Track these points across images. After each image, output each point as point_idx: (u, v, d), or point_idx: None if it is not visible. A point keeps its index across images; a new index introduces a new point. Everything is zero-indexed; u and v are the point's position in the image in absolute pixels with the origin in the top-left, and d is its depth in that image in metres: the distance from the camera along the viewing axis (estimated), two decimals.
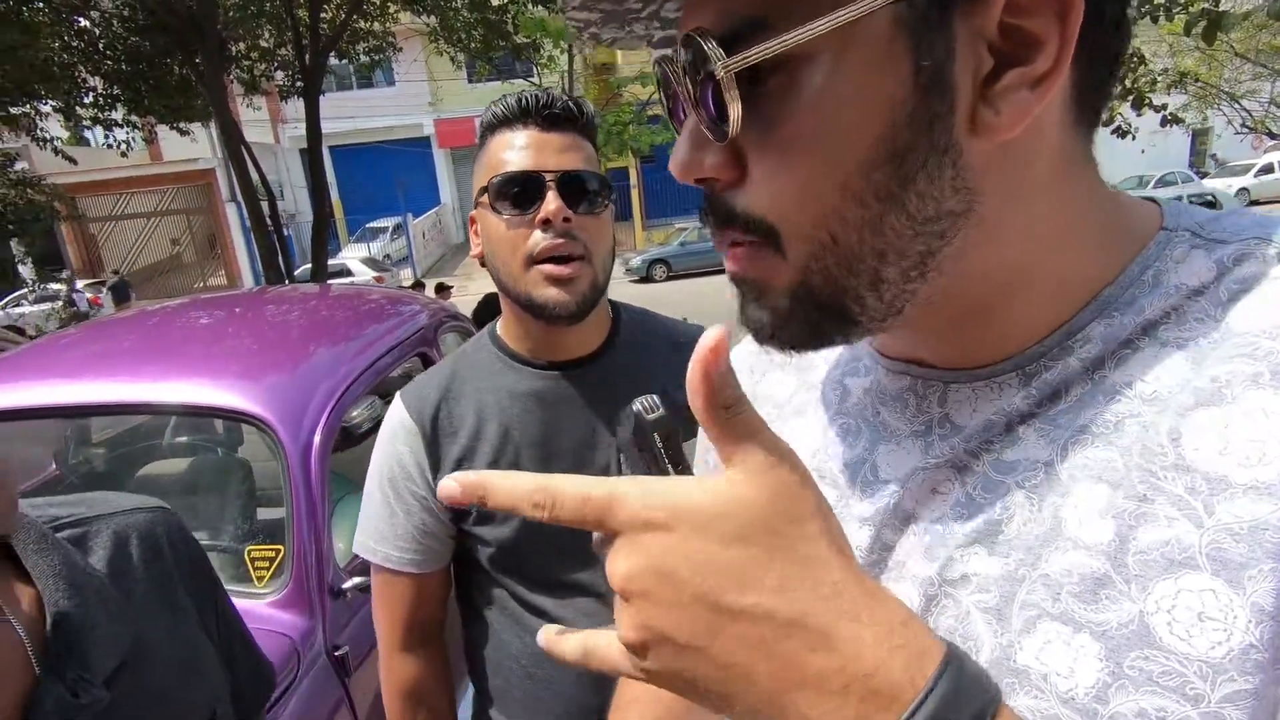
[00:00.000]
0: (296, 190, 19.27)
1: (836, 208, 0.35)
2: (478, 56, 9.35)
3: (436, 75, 18.06)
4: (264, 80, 9.12)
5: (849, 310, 0.37)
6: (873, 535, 0.41)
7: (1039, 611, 0.34)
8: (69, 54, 8.01)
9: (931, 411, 0.42)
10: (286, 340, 2.08)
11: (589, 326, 1.00)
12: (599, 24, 0.42)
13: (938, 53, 0.33)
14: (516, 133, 0.92)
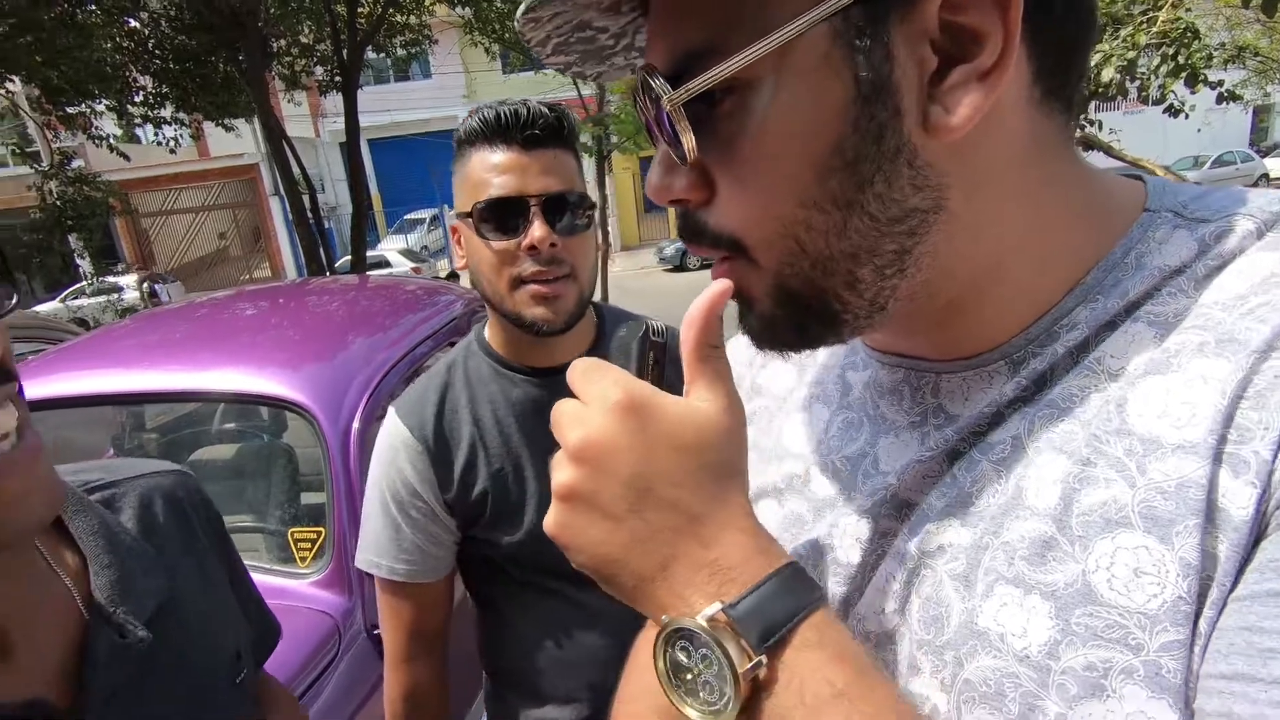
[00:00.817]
0: (336, 183, 19.66)
1: (797, 217, 0.36)
2: (511, 47, 9.39)
3: (470, 67, 18.19)
4: (304, 76, 9.30)
5: (832, 309, 0.39)
6: (872, 525, 0.42)
7: (996, 576, 0.36)
8: (120, 54, 8.27)
9: (926, 402, 0.43)
10: (327, 330, 2.15)
11: (575, 333, 1.01)
12: (579, 63, 0.44)
13: (876, 61, 0.33)
14: (497, 152, 0.92)
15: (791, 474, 0.49)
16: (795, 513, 0.48)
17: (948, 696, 0.37)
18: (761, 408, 0.55)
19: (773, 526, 0.49)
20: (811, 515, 0.47)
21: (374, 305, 2.46)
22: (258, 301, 2.57)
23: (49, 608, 0.49)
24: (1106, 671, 0.32)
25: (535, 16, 0.38)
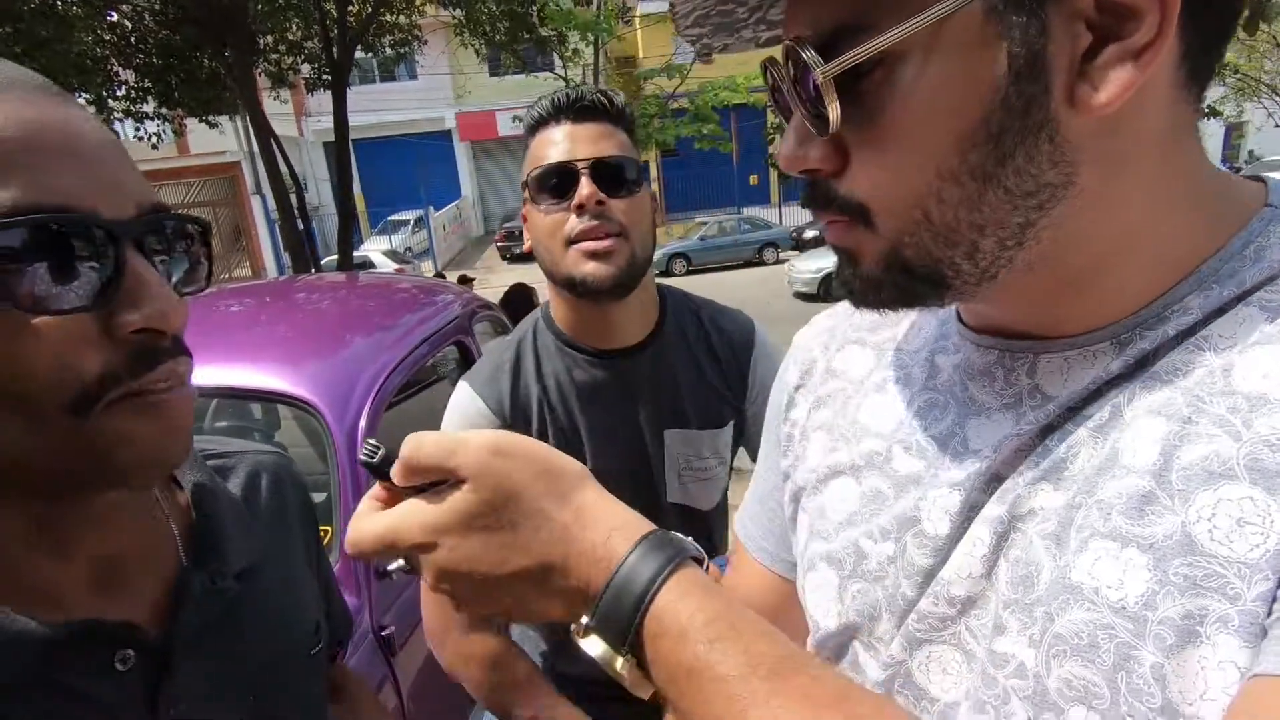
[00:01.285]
0: (319, 183, 19.47)
1: (931, 188, 0.37)
2: (502, 49, 9.37)
3: (458, 68, 18.11)
4: (291, 73, 9.21)
5: (943, 276, 0.40)
6: (963, 498, 0.43)
7: (1091, 532, 0.37)
8: (102, 47, 8.13)
9: (1020, 383, 0.43)
10: (327, 327, 2.12)
11: (635, 312, 1.03)
12: (710, 34, 0.45)
13: (1031, 37, 0.34)
14: (552, 129, 0.97)
15: (872, 452, 0.50)
16: (876, 489, 0.49)
17: (1036, 652, 0.38)
18: (837, 389, 0.56)
19: (851, 502, 0.51)
20: (894, 491, 0.48)
21: (373, 304, 2.43)
22: (252, 298, 2.53)
23: (155, 549, 0.54)
24: (1203, 619, 0.32)
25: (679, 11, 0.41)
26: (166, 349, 0.43)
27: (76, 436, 0.41)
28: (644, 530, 0.39)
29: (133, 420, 0.42)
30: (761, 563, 0.64)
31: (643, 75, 7.62)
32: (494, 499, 0.39)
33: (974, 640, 0.42)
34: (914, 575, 0.44)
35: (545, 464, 0.40)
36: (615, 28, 7.98)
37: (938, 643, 0.44)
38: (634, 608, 0.37)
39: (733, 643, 0.35)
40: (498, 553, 0.39)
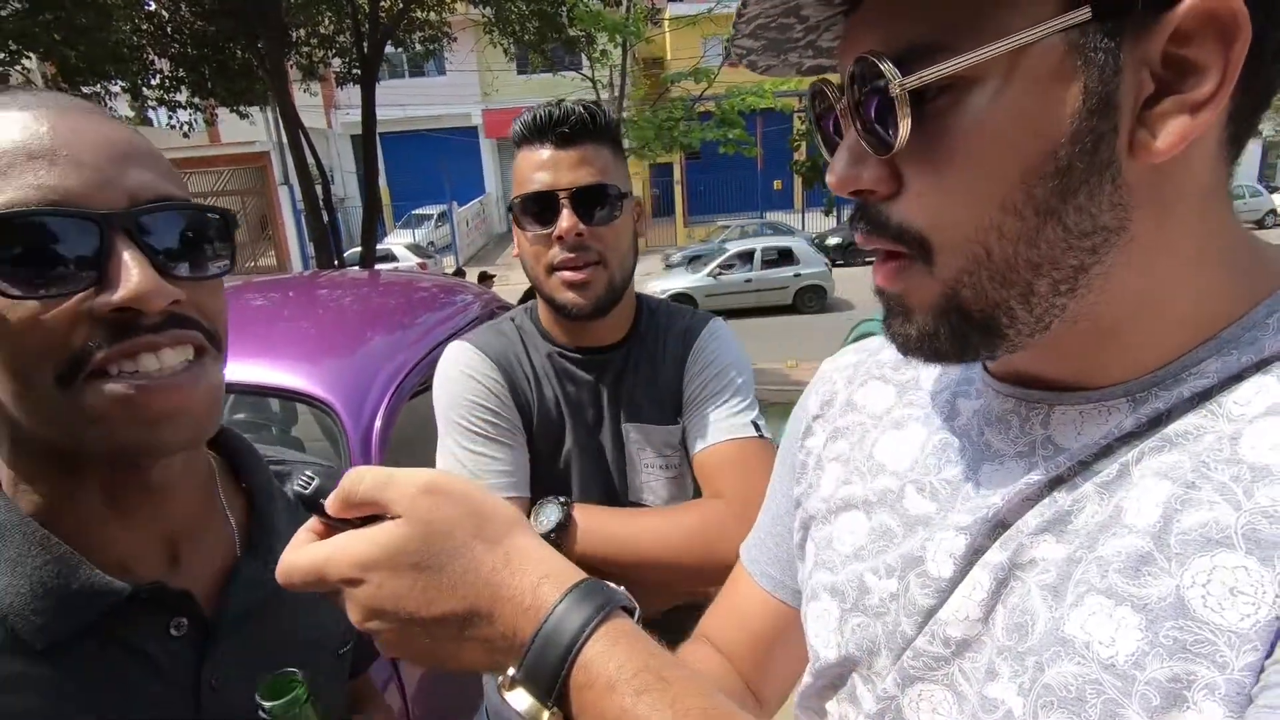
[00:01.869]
0: (346, 175, 19.68)
1: (994, 221, 0.37)
2: (531, 48, 9.41)
3: (486, 66, 18.21)
4: (321, 66, 9.31)
5: (998, 323, 0.39)
6: (968, 542, 0.43)
7: (1088, 587, 0.37)
8: (138, 36, 8.27)
9: (1034, 433, 0.43)
10: (346, 325, 2.13)
11: (614, 320, 1.10)
12: (759, 51, 0.45)
13: (1107, 76, 0.34)
14: (537, 150, 1.01)
15: (885, 489, 0.51)
16: (885, 526, 0.50)
17: (1024, 700, 0.38)
18: (856, 423, 0.57)
19: (860, 536, 0.51)
20: (903, 530, 0.48)
21: (392, 302, 2.44)
22: (273, 293, 2.55)
23: (215, 536, 0.60)
24: (1190, 684, 0.32)
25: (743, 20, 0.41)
26: (146, 326, 0.45)
27: (64, 409, 0.45)
28: (575, 578, 0.39)
29: (106, 401, 0.44)
30: (765, 588, 0.64)
31: (669, 78, 7.59)
32: (424, 536, 0.38)
33: (966, 683, 0.42)
34: (914, 614, 0.45)
35: (477, 505, 0.40)
36: (644, 30, 7.97)
37: (930, 682, 0.44)
38: (561, 658, 0.37)
39: (660, 694, 0.36)
40: (424, 593, 0.38)
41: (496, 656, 0.39)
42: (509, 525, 0.41)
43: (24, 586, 0.47)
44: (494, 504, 0.41)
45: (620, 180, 1.03)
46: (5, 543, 0.48)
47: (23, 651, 0.47)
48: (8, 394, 0.46)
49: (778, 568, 0.63)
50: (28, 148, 0.43)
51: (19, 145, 0.44)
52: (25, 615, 0.47)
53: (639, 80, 11.35)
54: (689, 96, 7.68)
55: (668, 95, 8.56)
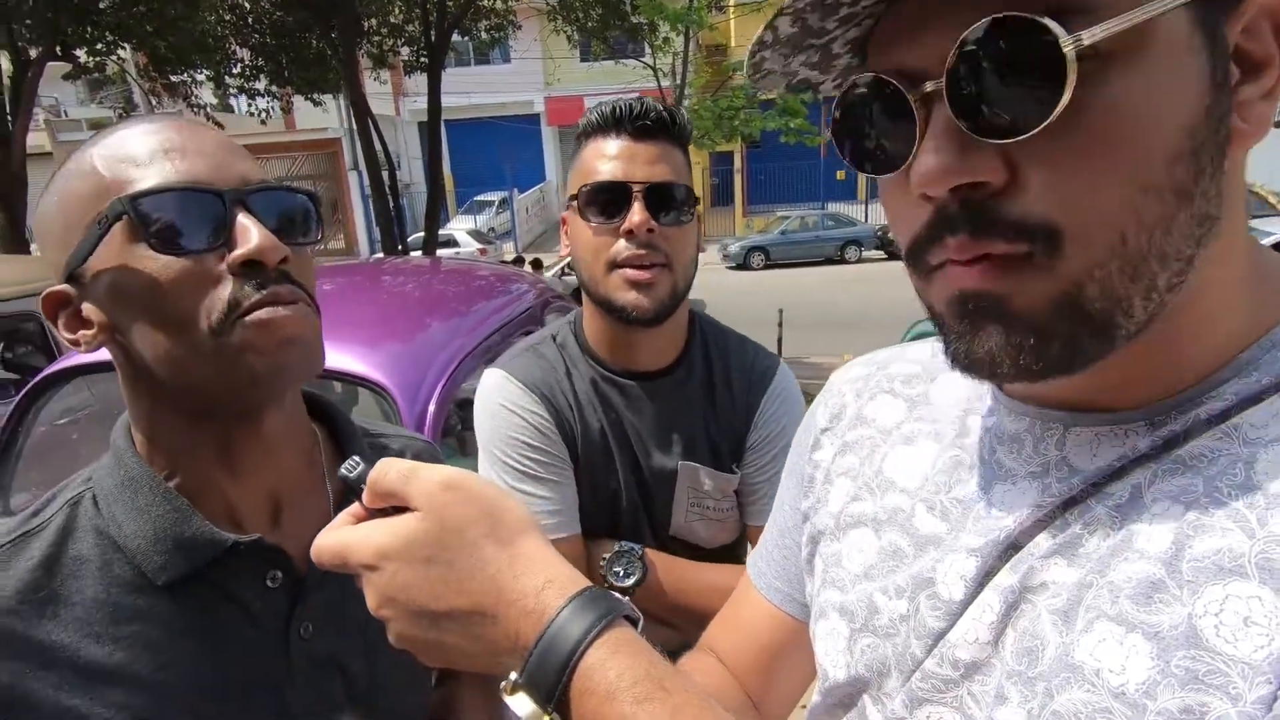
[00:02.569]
0: (412, 161, 20.17)
1: (1136, 205, 0.34)
2: (594, 36, 9.43)
3: (549, 54, 18.33)
4: (391, 55, 9.55)
5: (1116, 323, 0.35)
6: (979, 564, 0.42)
7: (1098, 613, 0.36)
8: (222, 27, 8.66)
9: (1049, 454, 0.42)
10: (404, 312, 2.19)
11: (665, 337, 1.01)
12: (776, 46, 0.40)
13: (1219, 52, 0.34)
14: (609, 141, 0.95)
15: (895, 507, 0.50)
16: (895, 545, 0.49)
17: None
18: (865, 437, 0.56)
19: (869, 555, 0.50)
20: (913, 550, 0.48)
21: (450, 289, 2.50)
22: (338, 279, 2.64)
23: (312, 498, 0.65)
24: (1202, 716, 0.32)
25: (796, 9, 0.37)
26: (271, 278, 0.55)
27: (219, 350, 0.53)
28: (579, 586, 0.39)
29: (253, 333, 0.53)
30: (772, 601, 0.63)
31: (731, 67, 7.49)
32: (438, 531, 0.40)
33: (975, 706, 0.41)
34: (924, 636, 0.44)
35: (491, 505, 0.41)
36: (706, 18, 7.87)
37: (939, 704, 0.43)
38: (562, 665, 0.37)
39: (660, 703, 0.36)
40: (434, 586, 0.39)
41: (500, 658, 0.39)
42: (521, 528, 0.41)
43: (148, 531, 0.56)
44: (509, 506, 0.42)
45: (689, 183, 0.98)
46: (136, 493, 0.57)
47: (146, 587, 0.56)
48: (160, 351, 0.54)
49: (784, 581, 0.63)
50: (163, 147, 0.55)
51: (157, 146, 0.55)
52: (149, 555, 0.56)
53: (701, 68, 11.22)
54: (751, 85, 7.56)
55: (729, 83, 8.45)
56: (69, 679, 0.53)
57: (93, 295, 0.55)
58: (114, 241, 0.52)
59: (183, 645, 0.56)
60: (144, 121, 0.57)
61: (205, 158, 0.55)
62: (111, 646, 0.54)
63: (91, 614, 0.55)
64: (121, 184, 0.53)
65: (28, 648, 0.52)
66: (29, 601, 0.53)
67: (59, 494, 0.60)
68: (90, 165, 0.54)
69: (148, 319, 0.54)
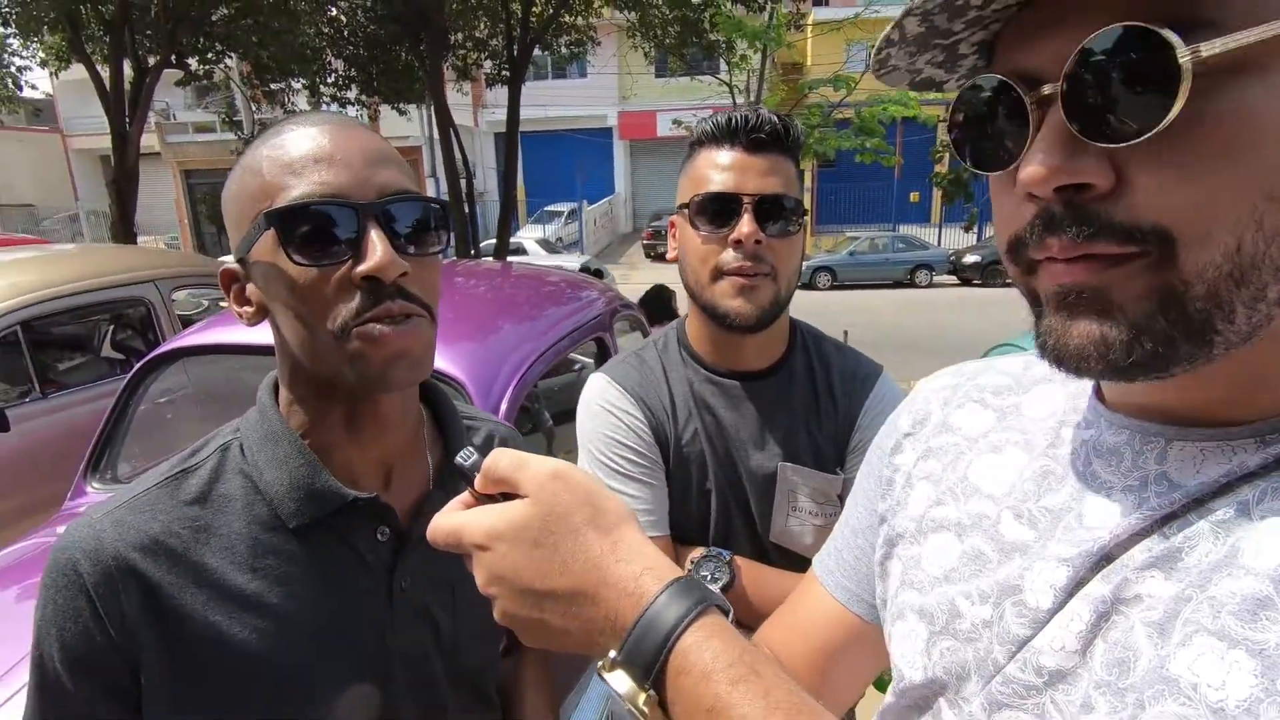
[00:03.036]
0: (487, 170, 20.77)
1: (1256, 209, 0.34)
2: (671, 52, 9.54)
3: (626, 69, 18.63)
4: (474, 68, 9.90)
5: (1215, 328, 0.35)
6: (1070, 574, 0.42)
7: (1198, 627, 0.36)
8: (320, 40, 9.16)
9: (1147, 468, 0.42)
10: (480, 312, 2.26)
11: (767, 340, 1.03)
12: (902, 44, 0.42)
13: None
14: (722, 151, 0.97)
15: (980, 514, 0.50)
16: (978, 550, 0.49)
17: None
18: (950, 444, 0.56)
19: (950, 558, 0.50)
20: (998, 556, 0.47)
21: (521, 293, 2.56)
22: None
23: (416, 470, 0.72)
24: None
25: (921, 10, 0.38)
26: (387, 293, 0.59)
27: (339, 351, 0.60)
28: (675, 574, 0.41)
29: (364, 345, 0.59)
30: (839, 600, 0.64)
31: (807, 85, 7.43)
32: (545, 516, 0.42)
33: (1058, 714, 0.41)
34: (1008, 642, 0.44)
35: (595, 496, 0.44)
36: (785, 37, 7.86)
37: (1019, 709, 0.43)
38: (660, 645, 0.39)
39: (754, 685, 0.37)
40: (539, 566, 0.42)
41: (596, 638, 0.41)
42: (621, 519, 0.44)
43: (285, 480, 0.64)
44: (609, 497, 0.45)
45: (799, 194, 0.99)
46: (276, 445, 0.65)
47: (280, 528, 0.64)
48: (296, 339, 0.62)
49: (853, 580, 0.63)
50: (314, 154, 0.59)
51: (308, 153, 0.59)
52: (284, 501, 0.63)
53: (776, 86, 11.19)
54: (827, 103, 7.48)
55: (804, 101, 8.39)
56: (214, 598, 0.61)
57: (254, 279, 0.63)
58: (266, 242, 0.59)
59: (307, 581, 0.64)
60: (308, 124, 0.62)
61: (349, 169, 0.59)
62: (249, 575, 0.62)
63: (235, 545, 0.63)
64: (275, 190, 0.59)
65: (184, 567, 0.61)
66: (186, 528, 0.62)
67: (211, 440, 0.68)
68: (259, 164, 0.60)
69: (288, 312, 0.61)
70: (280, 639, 0.62)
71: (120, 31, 7.14)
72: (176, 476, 0.65)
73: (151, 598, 0.59)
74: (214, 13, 7.90)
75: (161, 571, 0.60)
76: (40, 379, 2.98)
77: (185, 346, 2.16)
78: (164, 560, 0.60)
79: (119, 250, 4.79)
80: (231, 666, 0.61)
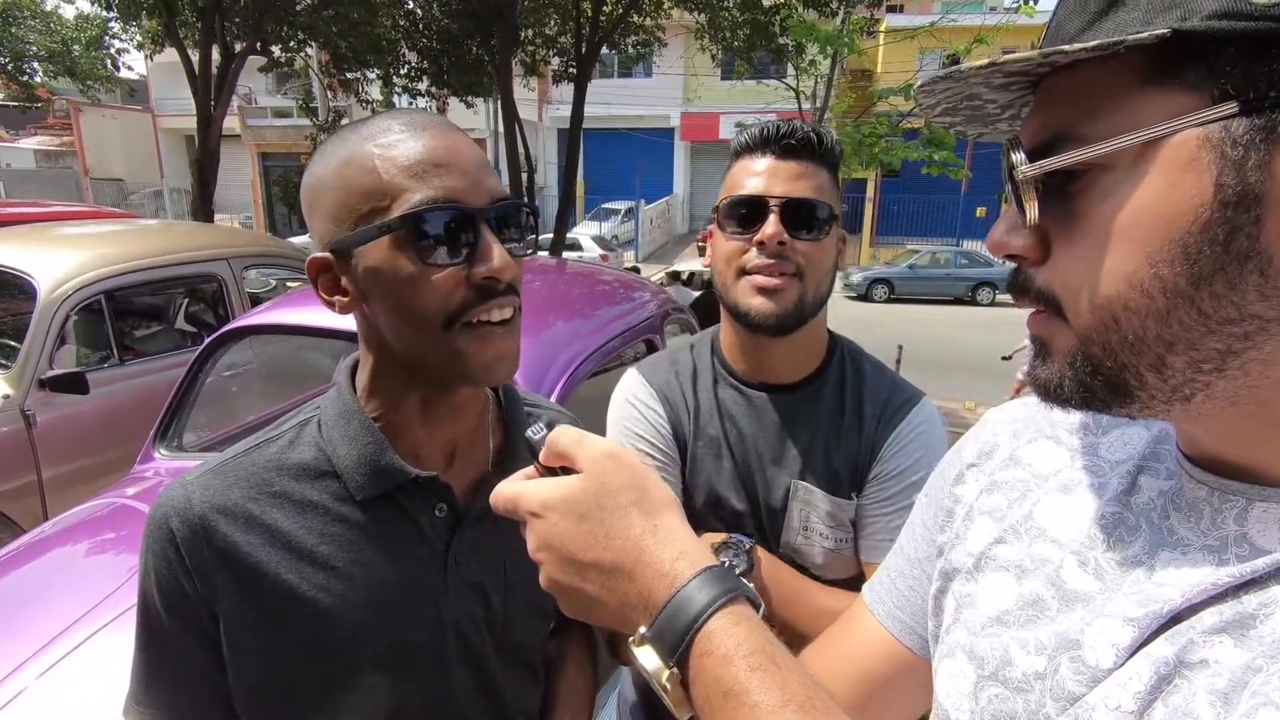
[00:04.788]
0: (547, 165, 21.02)
1: (1121, 295, 0.37)
2: (740, 55, 9.48)
3: (692, 70, 18.59)
4: (542, 65, 10.03)
5: (1127, 384, 0.39)
6: (1135, 635, 0.41)
7: (1265, 700, 0.35)
8: (396, 31, 9.42)
9: (1227, 528, 0.41)
10: (533, 308, 2.29)
11: (799, 352, 1.03)
12: (964, 124, 0.48)
13: (1246, 171, 0.34)
14: (756, 159, 0.99)
15: (1042, 557, 0.49)
16: (1037, 595, 0.48)
17: None
18: (1017, 479, 0.54)
19: (1006, 600, 0.49)
20: (1057, 604, 0.46)
21: (575, 291, 2.59)
22: None
23: (478, 452, 0.76)
24: None
25: (929, 89, 0.44)
26: (500, 290, 0.65)
27: (444, 344, 0.64)
28: (709, 562, 0.44)
29: (471, 342, 0.64)
30: (890, 631, 0.62)
31: (876, 94, 7.27)
32: (595, 492, 0.45)
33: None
34: (1061, 699, 0.43)
35: (642, 479, 0.47)
36: (858, 43, 7.71)
37: None
38: (688, 625, 0.41)
39: (772, 675, 0.39)
40: (584, 538, 0.45)
41: (629, 613, 0.44)
42: (664, 504, 0.46)
43: (354, 456, 0.69)
44: (657, 483, 0.47)
45: (833, 203, 0.99)
46: (349, 424, 0.70)
47: (348, 499, 0.69)
48: (398, 331, 0.65)
49: (907, 611, 0.61)
50: (433, 160, 0.63)
51: (426, 157, 0.62)
52: (352, 475, 0.69)
53: (844, 93, 11.00)
54: (896, 112, 7.31)
55: (872, 110, 8.23)
56: (286, 558, 0.67)
57: (352, 272, 0.64)
58: (384, 242, 0.62)
59: (371, 548, 0.69)
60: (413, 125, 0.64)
61: (465, 175, 0.63)
62: (319, 539, 0.68)
63: (307, 511, 0.69)
64: (397, 192, 0.61)
65: (260, 528, 0.67)
66: (264, 494, 0.68)
67: (294, 415, 0.75)
68: (370, 163, 0.62)
69: (395, 306, 0.64)
70: (343, 599, 0.67)
71: (211, 18, 7.48)
72: (260, 446, 0.71)
73: (229, 554, 0.65)
74: (299, 2, 8.20)
75: (239, 531, 0.66)
76: (119, 346, 3.16)
77: (253, 325, 2.25)
78: (242, 521, 0.66)
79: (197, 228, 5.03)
80: (297, 619, 0.66)
